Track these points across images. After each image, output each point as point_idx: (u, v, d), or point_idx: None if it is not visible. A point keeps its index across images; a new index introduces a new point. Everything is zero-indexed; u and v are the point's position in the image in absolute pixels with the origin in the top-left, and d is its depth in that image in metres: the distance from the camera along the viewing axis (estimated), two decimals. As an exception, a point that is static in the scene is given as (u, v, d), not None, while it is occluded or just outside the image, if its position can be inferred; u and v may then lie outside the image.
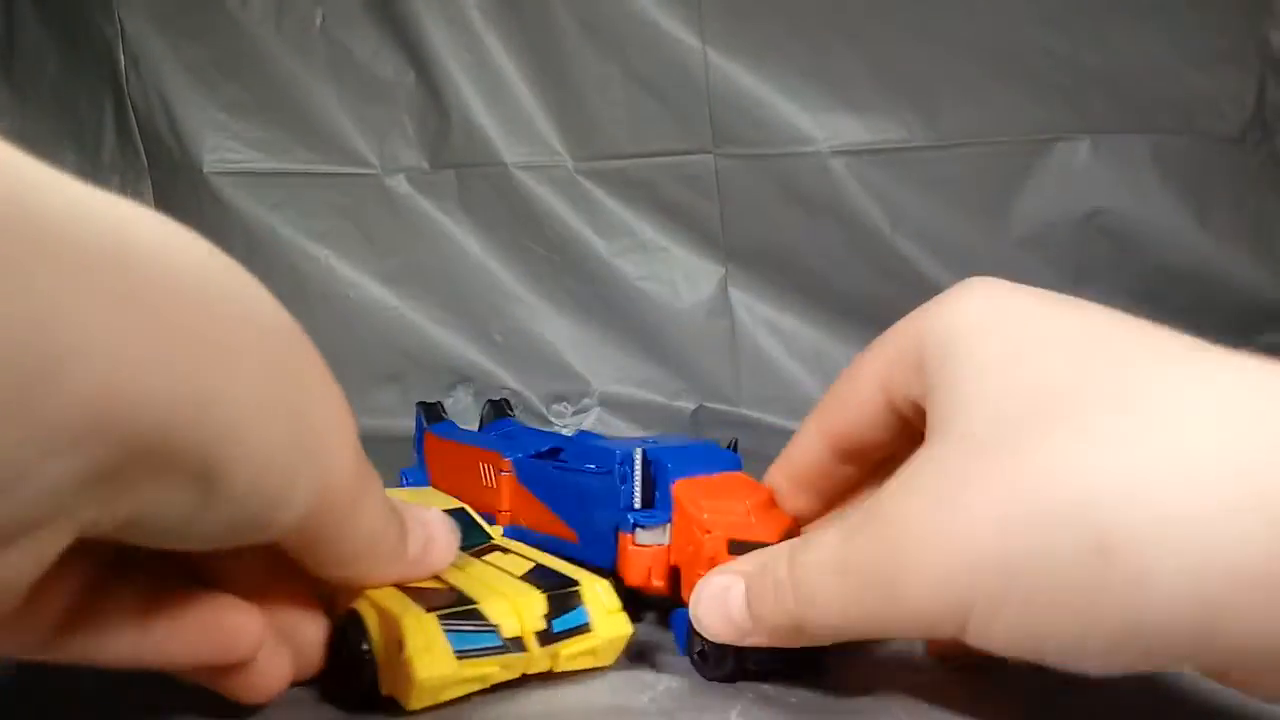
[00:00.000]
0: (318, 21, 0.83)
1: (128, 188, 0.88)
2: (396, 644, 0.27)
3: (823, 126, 0.77)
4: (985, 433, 0.24)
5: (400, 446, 0.78)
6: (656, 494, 0.34)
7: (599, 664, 0.31)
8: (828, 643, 0.28)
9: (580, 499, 0.36)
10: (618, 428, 0.80)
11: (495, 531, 0.37)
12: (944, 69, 0.76)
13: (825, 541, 0.27)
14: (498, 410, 0.47)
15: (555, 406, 0.82)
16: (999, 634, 0.24)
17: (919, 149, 0.77)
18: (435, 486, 0.44)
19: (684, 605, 0.31)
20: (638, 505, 0.34)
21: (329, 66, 0.84)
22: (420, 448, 0.47)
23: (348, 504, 0.25)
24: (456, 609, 0.29)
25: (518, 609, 0.29)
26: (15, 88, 0.88)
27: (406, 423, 0.82)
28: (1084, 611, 0.22)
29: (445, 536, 0.30)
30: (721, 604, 0.29)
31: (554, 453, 0.39)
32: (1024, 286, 0.28)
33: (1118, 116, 0.75)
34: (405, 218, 0.84)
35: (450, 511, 0.35)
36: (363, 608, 0.28)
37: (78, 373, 0.17)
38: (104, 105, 0.87)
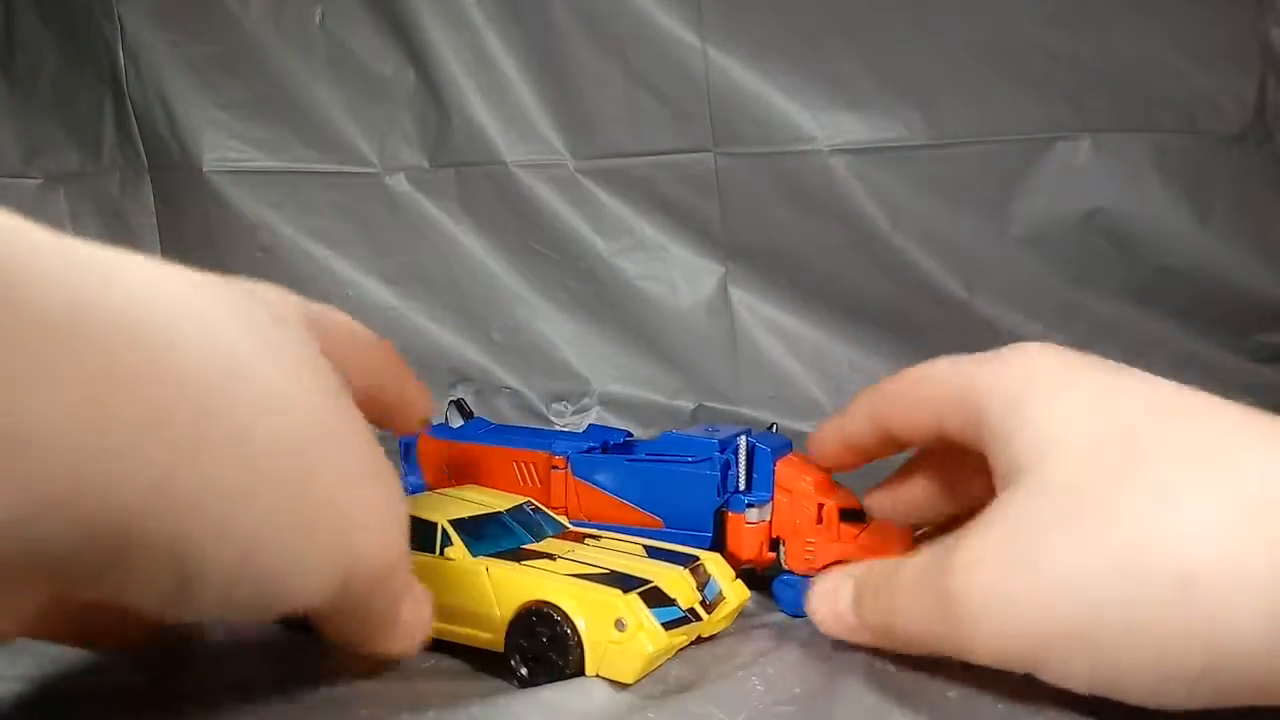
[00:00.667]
0: (317, 19, 0.83)
1: (127, 186, 0.88)
2: (610, 625, 0.30)
3: (823, 125, 0.77)
4: (1068, 483, 0.26)
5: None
6: (756, 476, 0.40)
7: (728, 626, 0.36)
8: (916, 652, 0.31)
9: (674, 488, 0.40)
10: (617, 426, 0.79)
11: (564, 520, 0.40)
12: (944, 67, 0.76)
13: (918, 565, 0.30)
14: (463, 411, 0.48)
15: (555, 405, 0.82)
16: (1080, 675, 0.26)
17: (919, 147, 0.77)
18: (433, 489, 0.44)
19: (788, 573, 0.39)
20: (743, 488, 0.40)
21: (329, 65, 0.84)
22: (409, 455, 0.46)
23: (375, 591, 0.25)
24: (646, 589, 0.33)
25: (685, 584, 0.34)
26: (15, 86, 0.88)
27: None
28: (1166, 649, 0.24)
29: (426, 609, 0.30)
30: (833, 601, 0.33)
31: (610, 449, 0.43)
32: (1081, 354, 0.30)
33: (1118, 115, 0.75)
34: (405, 216, 0.84)
35: (519, 506, 0.37)
36: (556, 598, 0.31)
37: (29, 455, 0.16)
38: (104, 104, 0.87)
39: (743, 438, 0.40)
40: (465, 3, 0.81)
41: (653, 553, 0.37)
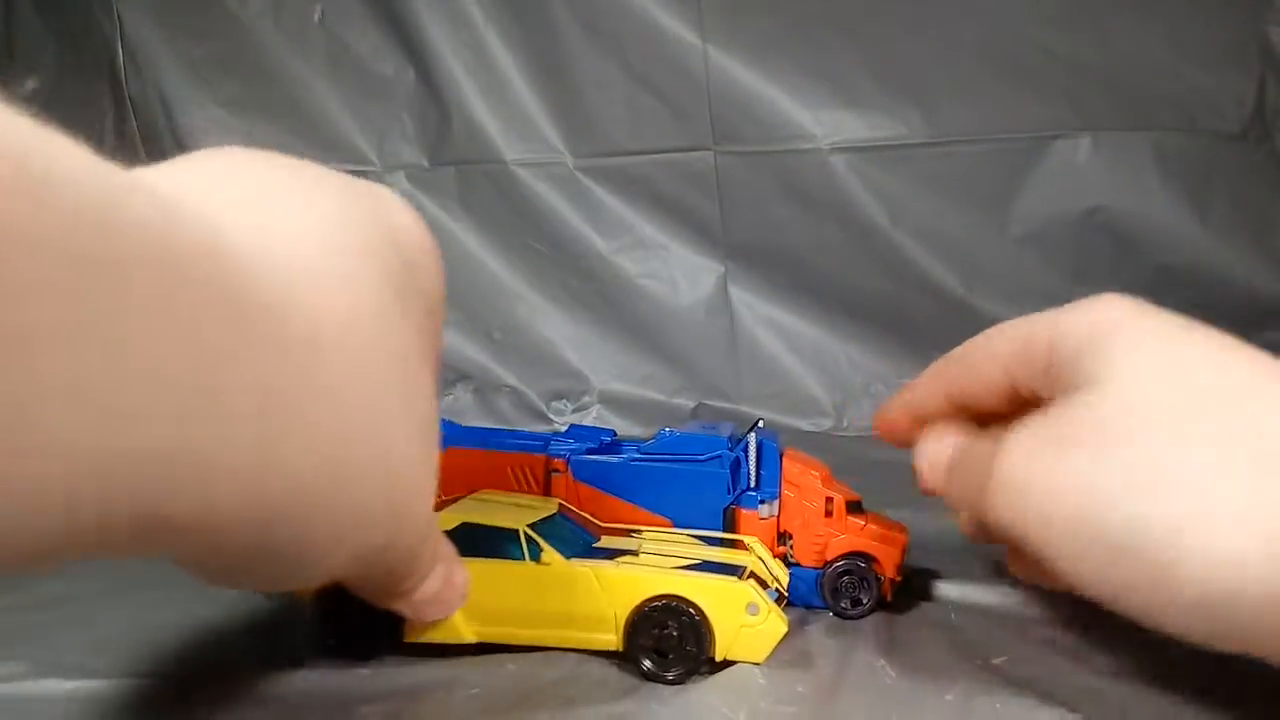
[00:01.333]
0: (317, 18, 0.83)
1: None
2: (741, 611, 0.32)
3: (822, 123, 0.77)
4: (1117, 402, 0.28)
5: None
6: (764, 473, 0.41)
7: None
8: (985, 530, 0.32)
9: (683, 487, 0.40)
10: (618, 425, 0.79)
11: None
12: (944, 66, 0.76)
13: (989, 443, 0.31)
14: None
15: (555, 404, 0.82)
16: (1083, 572, 0.27)
17: (919, 146, 0.77)
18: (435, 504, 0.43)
19: (796, 566, 0.40)
20: (753, 485, 0.41)
21: (328, 63, 0.84)
22: None
23: (411, 558, 0.25)
24: (749, 574, 0.34)
25: (762, 567, 0.36)
26: (14, 83, 0.88)
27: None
28: (1159, 577, 0.25)
29: (462, 577, 0.29)
30: (934, 458, 0.34)
31: (606, 449, 0.43)
32: (1152, 306, 0.32)
33: (1118, 114, 0.75)
34: (405, 215, 0.84)
35: (552, 515, 0.37)
36: (682, 591, 0.33)
37: (48, 420, 0.14)
38: (103, 102, 0.87)
39: (752, 434, 0.41)
40: (465, 2, 0.81)
41: (705, 541, 0.39)
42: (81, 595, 0.41)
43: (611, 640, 0.34)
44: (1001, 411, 0.35)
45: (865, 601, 0.39)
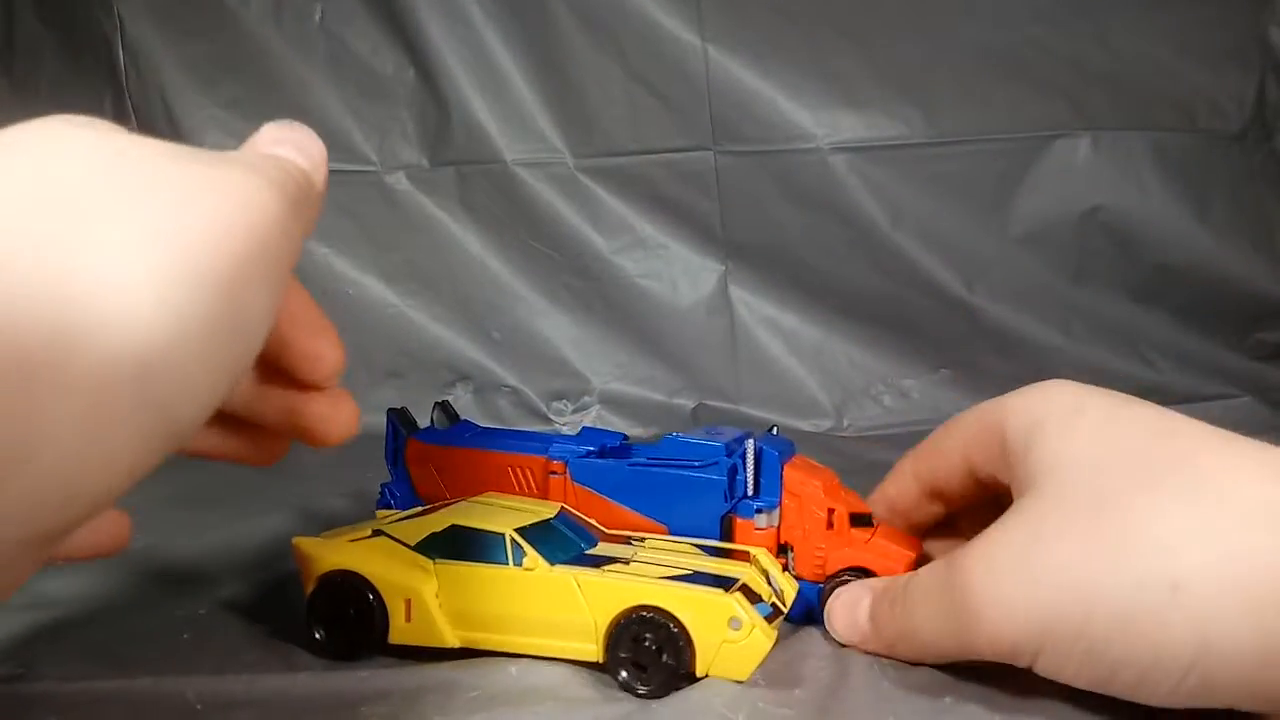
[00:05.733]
0: (317, 18, 0.83)
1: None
2: (723, 625, 0.31)
3: (822, 123, 0.77)
4: (1074, 493, 0.29)
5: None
6: (764, 481, 0.39)
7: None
8: (928, 660, 0.33)
9: (681, 493, 0.39)
10: (618, 425, 0.80)
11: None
12: (944, 66, 0.76)
13: (931, 570, 0.32)
14: (449, 414, 0.46)
15: (555, 404, 0.82)
16: (1076, 660, 0.28)
17: (919, 146, 0.77)
18: (423, 496, 0.43)
19: (800, 579, 0.38)
20: (751, 493, 0.39)
21: (329, 63, 0.84)
22: (397, 458, 0.44)
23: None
24: (741, 587, 0.33)
25: (760, 580, 0.35)
26: (14, 85, 0.88)
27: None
28: (1156, 642, 0.26)
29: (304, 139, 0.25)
30: (852, 612, 0.35)
31: (609, 453, 0.42)
32: (1094, 387, 0.33)
33: (1118, 113, 0.75)
34: (405, 215, 0.84)
35: (558, 512, 0.37)
36: (662, 601, 0.32)
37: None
38: (103, 102, 0.87)
39: (750, 441, 0.40)
40: (465, 1, 0.80)
41: (707, 551, 0.37)
42: (81, 595, 0.41)
43: (593, 650, 0.33)
44: (969, 499, 0.37)
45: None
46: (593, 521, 0.39)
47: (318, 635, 0.35)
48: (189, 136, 0.85)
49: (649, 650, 0.32)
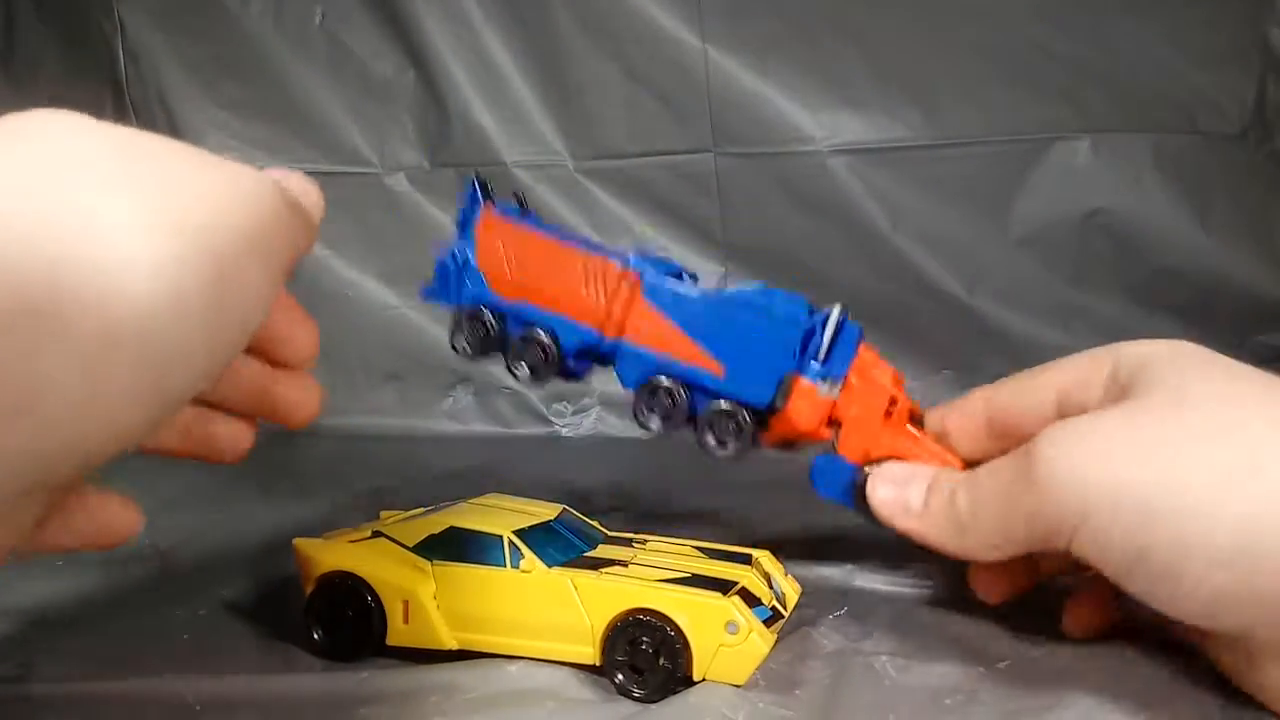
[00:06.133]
0: (317, 19, 0.83)
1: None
2: (720, 629, 0.31)
3: (822, 125, 0.77)
4: (1158, 406, 0.30)
5: (399, 446, 0.78)
6: (836, 352, 0.37)
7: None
8: (974, 551, 0.33)
9: (752, 338, 0.37)
10: (618, 427, 0.79)
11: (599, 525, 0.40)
12: (944, 67, 0.76)
13: (1004, 459, 0.32)
14: (485, 189, 0.43)
15: (555, 406, 0.82)
16: (1113, 542, 0.28)
17: (919, 148, 0.77)
18: (484, 269, 0.41)
19: (834, 455, 0.37)
20: (821, 359, 0.37)
21: (329, 64, 0.84)
22: (468, 230, 0.42)
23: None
24: (740, 590, 0.33)
25: (760, 583, 0.34)
26: (14, 85, 0.88)
27: (405, 422, 0.83)
28: (1189, 545, 0.27)
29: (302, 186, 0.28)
30: (901, 489, 0.34)
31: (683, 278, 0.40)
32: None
33: (1118, 115, 0.75)
34: (405, 216, 0.84)
35: (560, 514, 0.37)
36: (659, 604, 0.31)
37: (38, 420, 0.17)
38: (103, 103, 0.87)
39: (837, 307, 0.38)
40: (465, 3, 0.81)
41: (707, 553, 0.37)
42: (81, 596, 0.41)
43: (589, 653, 0.33)
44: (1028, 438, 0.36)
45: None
46: (595, 524, 0.39)
47: (316, 636, 0.35)
48: (189, 138, 0.85)
49: (646, 653, 0.31)
